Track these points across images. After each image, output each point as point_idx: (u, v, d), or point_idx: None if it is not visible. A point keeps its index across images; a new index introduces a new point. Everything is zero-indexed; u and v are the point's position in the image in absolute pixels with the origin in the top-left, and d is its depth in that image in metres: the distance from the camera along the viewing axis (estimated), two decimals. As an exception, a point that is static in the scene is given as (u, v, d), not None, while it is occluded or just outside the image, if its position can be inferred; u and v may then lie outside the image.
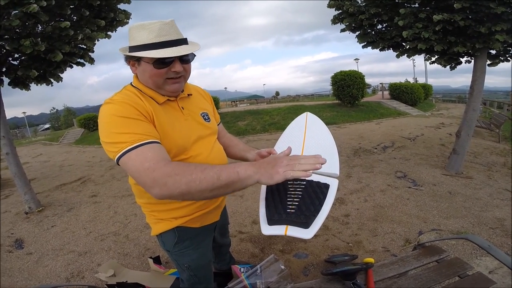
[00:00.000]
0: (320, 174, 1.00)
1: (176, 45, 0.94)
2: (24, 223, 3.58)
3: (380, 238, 2.53)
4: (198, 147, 1.08)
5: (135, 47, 0.94)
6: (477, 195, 3.30)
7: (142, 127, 0.87)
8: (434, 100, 19.14)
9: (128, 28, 0.97)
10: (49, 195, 4.68)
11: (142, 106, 0.93)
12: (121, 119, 0.85)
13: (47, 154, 10.50)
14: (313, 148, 1.22)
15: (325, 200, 0.88)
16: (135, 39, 0.94)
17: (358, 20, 4.12)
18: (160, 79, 0.97)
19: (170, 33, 0.93)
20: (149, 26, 0.91)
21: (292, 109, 11.68)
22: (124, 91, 1.00)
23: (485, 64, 3.82)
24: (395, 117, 11.07)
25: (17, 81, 3.72)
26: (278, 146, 1.26)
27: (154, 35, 0.91)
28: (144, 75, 0.99)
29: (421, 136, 6.86)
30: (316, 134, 1.36)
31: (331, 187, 0.94)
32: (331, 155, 1.12)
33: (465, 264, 1.33)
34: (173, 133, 1.00)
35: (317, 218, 0.80)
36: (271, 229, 0.80)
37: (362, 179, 4.04)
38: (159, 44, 0.91)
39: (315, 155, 0.79)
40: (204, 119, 1.15)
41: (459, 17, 3.17)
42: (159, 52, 0.91)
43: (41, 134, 27.45)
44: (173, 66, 0.95)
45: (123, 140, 0.82)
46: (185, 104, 1.11)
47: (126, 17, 4.04)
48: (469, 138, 4.09)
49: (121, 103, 0.90)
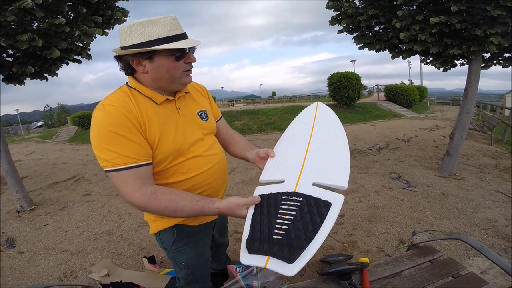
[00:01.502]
0: (322, 187, 0.85)
1: (185, 37, 0.96)
2: (16, 221, 3.53)
3: (375, 238, 2.55)
4: (196, 149, 1.07)
5: (147, 43, 0.90)
6: (469, 196, 3.34)
7: (129, 147, 0.88)
8: (428, 102, 19.34)
9: (126, 27, 0.92)
10: (41, 194, 4.63)
11: (133, 114, 0.91)
12: (110, 134, 0.87)
13: (40, 151, 10.36)
14: (319, 151, 1.02)
15: (322, 225, 0.73)
16: (145, 34, 0.90)
17: (356, 21, 4.15)
18: (178, 72, 0.97)
19: (179, 27, 0.95)
20: (160, 20, 0.91)
21: (289, 110, 11.70)
22: (117, 93, 0.97)
23: (480, 67, 3.87)
24: (390, 118, 11.16)
25: (11, 77, 3.67)
26: (280, 145, 1.14)
27: (168, 28, 0.91)
28: (159, 71, 0.95)
29: (416, 138, 6.92)
30: (325, 131, 1.12)
31: (333, 207, 0.77)
32: (340, 161, 0.94)
33: (458, 264, 1.35)
34: (169, 137, 0.98)
35: (306, 251, 0.68)
36: (251, 259, 0.71)
37: (357, 180, 4.07)
38: (175, 37, 0.92)
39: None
40: (201, 118, 1.13)
41: (456, 20, 3.20)
42: (180, 43, 0.92)
43: (34, 131, 27.11)
44: (189, 57, 0.98)
45: (110, 158, 0.87)
46: (182, 103, 1.09)
47: (124, 15, 4.01)
48: (462, 140, 4.14)
49: (112, 111, 0.88)
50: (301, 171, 0.93)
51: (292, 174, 0.93)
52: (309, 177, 0.90)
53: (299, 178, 0.91)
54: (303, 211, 0.77)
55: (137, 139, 0.90)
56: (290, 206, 0.80)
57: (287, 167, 0.98)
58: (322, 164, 0.94)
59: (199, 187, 1.07)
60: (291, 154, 1.05)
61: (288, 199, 0.82)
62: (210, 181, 1.10)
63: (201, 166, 1.07)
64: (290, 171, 0.95)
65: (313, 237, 0.70)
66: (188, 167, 1.04)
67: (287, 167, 0.98)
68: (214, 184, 1.13)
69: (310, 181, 0.88)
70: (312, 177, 0.90)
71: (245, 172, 4.77)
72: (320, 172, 0.91)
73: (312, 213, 0.76)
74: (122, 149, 0.88)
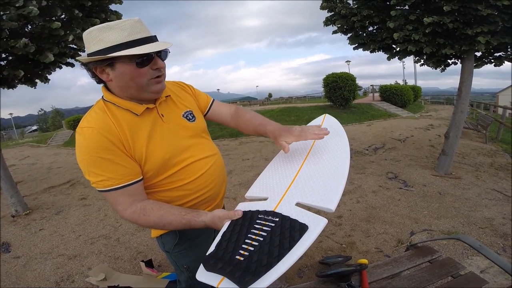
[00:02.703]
0: (306, 208, 0.76)
1: (150, 41, 0.88)
2: (11, 226, 3.49)
3: (373, 239, 2.55)
4: (188, 155, 1.03)
5: (106, 50, 0.84)
6: (466, 195, 3.36)
7: (115, 170, 0.87)
8: (423, 101, 19.50)
9: (86, 33, 0.86)
10: (36, 198, 4.58)
11: (114, 134, 0.87)
12: (94, 158, 0.85)
13: (34, 156, 10.26)
14: (313, 169, 0.92)
15: (289, 252, 0.63)
16: (103, 40, 0.84)
17: (350, 22, 4.17)
18: (144, 79, 0.90)
19: (143, 31, 0.87)
20: (118, 25, 0.84)
21: (285, 111, 11.72)
22: (94, 111, 0.92)
23: (473, 66, 3.91)
24: (386, 118, 11.23)
25: (2, 80, 3.62)
26: (276, 160, 1.06)
27: (127, 33, 0.84)
28: (123, 79, 0.89)
29: (411, 138, 6.97)
30: (326, 147, 1.01)
31: (309, 231, 0.67)
32: (333, 181, 0.83)
33: (458, 264, 1.35)
34: (156, 150, 0.94)
35: (261, 279, 0.59)
36: (205, 276, 0.66)
37: (354, 180, 4.07)
38: (135, 42, 0.84)
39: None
40: (188, 119, 1.07)
41: (448, 20, 3.23)
42: (141, 49, 0.84)
43: (29, 136, 26.86)
44: (155, 63, 0.89)
45: (98, 180, 0.87)
46: (165, 109, 1.02)
47: (118, 18, 3.99)
48: (457, 139, 4.17)
49: (91, 135, 0.85)
50: (287, 190, 0.87)
51: (277, 192, 0.88)
52: (294, 197, 0.83)
53: (282, 197, 0.84)
54: (275, 233, 0.70)
55: (121, 160, 0.88)
56: (264, 226, 0.74)
57: (274, 184, 0.93)
58: (313, 183, 0.85)
59: (198, 190, 1.06)
60: (283, 171, 0.98)
61: (264, 219, 0.76)
62: (208, 183, 1.09)
63: (197, 170, 1.04)
64: (276, 189, 0.90)
65: (274, 264, 0.61)
66: (184, 175, 1.01)
67: (275, 184, 0.93)
68: (213, 185, 1.11)
69: (293, 201, 0.81)
70: (297, 196, 0.82)
71: (242, 175, 4.76)
72: (308, 191, 0.83)
73: (283, 236, 0.68)
74: (109, 171, 0.87)
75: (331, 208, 0.73)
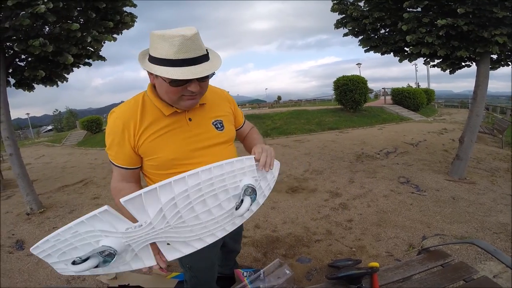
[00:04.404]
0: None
1: (195, 63, 0.89)
2: (25, 224, 3.58)
3: (384, 243, 2.51)
4: (199, 160, 1.04)
5: (154, 59, 0.90)
6: (480, 200, 3.28)
7: (120, 153, 1.02)
8: (436, 105, 19.13)
9: (151, 34, 0.92)
10: (51, 197, 4.69)
11: (130, 124, 0.99)
12: (111, 139, 1.02)
13: (49, 155, 10.53)
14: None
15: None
16: (156, 49, 0.89)
17: (361, 24, 4.14)
18: (175, 96, 0.96)
19: (192, 49, 0.87)
20: (170, 39, 0.85)
21: (295, 114, 11.69)
22: (130, 101, 1.05)
23: (488, 69, 3.82)
24: (398, 122, 11.06)
25: (22, 82, 3.75)
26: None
27: (174, 50, 0.86)
28: (160, 89, 0.98)
29: (424, 142, 6.84)
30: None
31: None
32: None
33: (471, 268, 1.32)
34: (169, 146, 1.02)
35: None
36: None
37: (365, 184, 4.03)
38: (178, 62, 0.87)
39: None
40: (217, 127, 1.11)
41: (463, 22, 3.18)
42: (175, 73, 0.87)
43: (44, 135, 27.56)
44: (189, 85, 0.93)
45: (110, 154, 1.05)
46: (195, 114, 1.08)
47: (132, 20, 4.08)
48: (472, 143, 4.07)
49: (113, 122, 1.01)
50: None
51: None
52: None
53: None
54: None
55: (126, 150, 1.02)
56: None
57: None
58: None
59: None
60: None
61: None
62: None
63: None
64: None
65: None
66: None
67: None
68: None
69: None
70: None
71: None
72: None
73: None
74: (116, 152, 1.03)
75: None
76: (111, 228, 0.79)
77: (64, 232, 0.77)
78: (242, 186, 0.93)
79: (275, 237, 2.70)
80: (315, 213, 3.21)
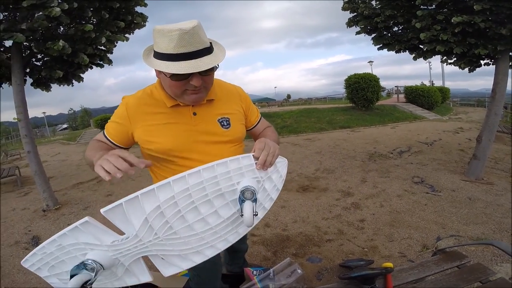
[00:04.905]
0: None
1: (196, 57, 0.87)
2: (42, 220, 3.68)
3: (397, 243, 2.47)
4: (194, 156, 1.03)
5: (156, 54, 0.91)
6: (498, 201, 3.18)
7: (114, 128, 1.07)
8: (451, 103, 18.66)
9: (153, 28, 0.90)
10: (66, 193, 4.81)
11: (134, 111, 1.03)
12: (114, 114, 1.08)
13: (65, 153, 10.80)
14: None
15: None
16: (157, 44, 0.89)
17: (373, 22, 4.07)
18: (178, 91, 0.95)
19: (191, 43, 0.85)
20: (169, 33, 0.84)
21: (305, 112, 11.60)
22: (142, 90, 1.10)
23: (508, 66, 3.70)
24: (411, 121, 10.84)
25: (39, 81, 3.84)
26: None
27: (173, 45, 0.84)
28: (164, 83, 0.99)
29: (439, 141, 6.68)
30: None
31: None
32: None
33: (487, 269, 1.28)
34: (163, 136, 1.02)
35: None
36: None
37: (378, 184, 3.96)
38: (176, 56, 0.86)
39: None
40: (222, 125, 1.07)
41: (479, 19, 3.08)
42: (173, 67, 0.86)
43: (60, 133, 28.30)
44: (191, 79, 0.91)
45: (106, 126, 1.09)
46: (201, 109, 1.05)
47: (143, 20, 4.13)
48: (490, 143, 3.95)
49: (121, 104, 1.07)
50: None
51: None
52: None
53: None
54: None
55: (121, 128, 1.05)
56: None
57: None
58: None
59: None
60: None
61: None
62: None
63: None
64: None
65: None
66: (175, 168, 1.04)
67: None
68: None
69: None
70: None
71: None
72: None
73: None
74: (112, 127, 1.07)
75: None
76: (95, 240, 0.73)
77: (49, 245, 0.73)
78: (240, 189, 0.81)
79: (285, 236, 2.69)
80: (327, 213, 3.18)
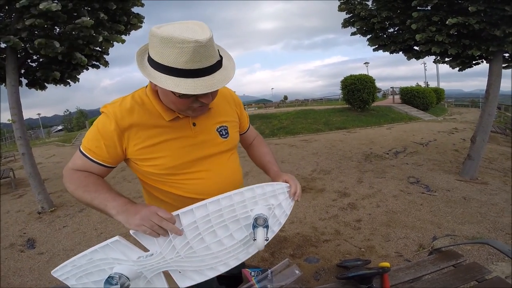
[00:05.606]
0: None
1: (209, 73, 0.77)
2: (37, 222, 3.65)
3: (393, 243, 2.48)
4: (202, 166, 0.98)
5: (158, 65, 0.76)
6: (492, 200, 3.21)
7: (97, 146, 0.90)
8: (446, 104, 18.83)
9: (152, 32, 0.75)
10: (61, 196, 4.76)
11: (126, 125, 0.88)
12: (95, 131, 0.90)
13: (60, 155, 10.70)
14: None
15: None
16: (161, 54, 0.74)
17: (369, 23, 4.10)
18: (183, 107, 0.86)
19: (206, 57, 0.74)
20: (180, 44, 0.70)
21: (302, 114, 11.64)
22: (127, 99, 0.93)
23: (501, 67, 3.74)
24: (407, 121, 10.93)
25: (34, 81, 3.81)
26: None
27: (186, 59, 0.72)
28: (165, 98, 0.87)
29: (434, 142, 6.74)
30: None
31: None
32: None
33: (483, 268, 1.29)
34: (165, 154, 0.92)
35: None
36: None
37: (374, 185, 3.99)
38: (188, 72, 0.74)
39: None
40: (221, 135, 1.02)
41: (474, 21, 3.12)
42: (186, 86, 0.74)
43: (55, 135, 28.05)
44: (201, 97, 0.82)
45: (88, 146, 0.91)
46: (200, 118, 0.97)
47: (139, 20, 4.11)
48: (484, 143, 3.99)
49: (103, 122, 0.89)
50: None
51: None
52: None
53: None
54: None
55: (108, 146, 0.90)
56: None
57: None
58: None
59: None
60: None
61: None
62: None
63: (196, 190, 0.98)
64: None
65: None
66: (182, 185, 0.97)
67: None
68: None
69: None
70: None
71: (258, 176, 4.76)
72: None
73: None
74: (93, 144, 0.91)
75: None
76: (123, 256, 0.82)
77: (80, 259, 0.82)
78: (253, 216, 0.91)
79: (282, 237, 2.69)
80: (323, 213, 3.19)
